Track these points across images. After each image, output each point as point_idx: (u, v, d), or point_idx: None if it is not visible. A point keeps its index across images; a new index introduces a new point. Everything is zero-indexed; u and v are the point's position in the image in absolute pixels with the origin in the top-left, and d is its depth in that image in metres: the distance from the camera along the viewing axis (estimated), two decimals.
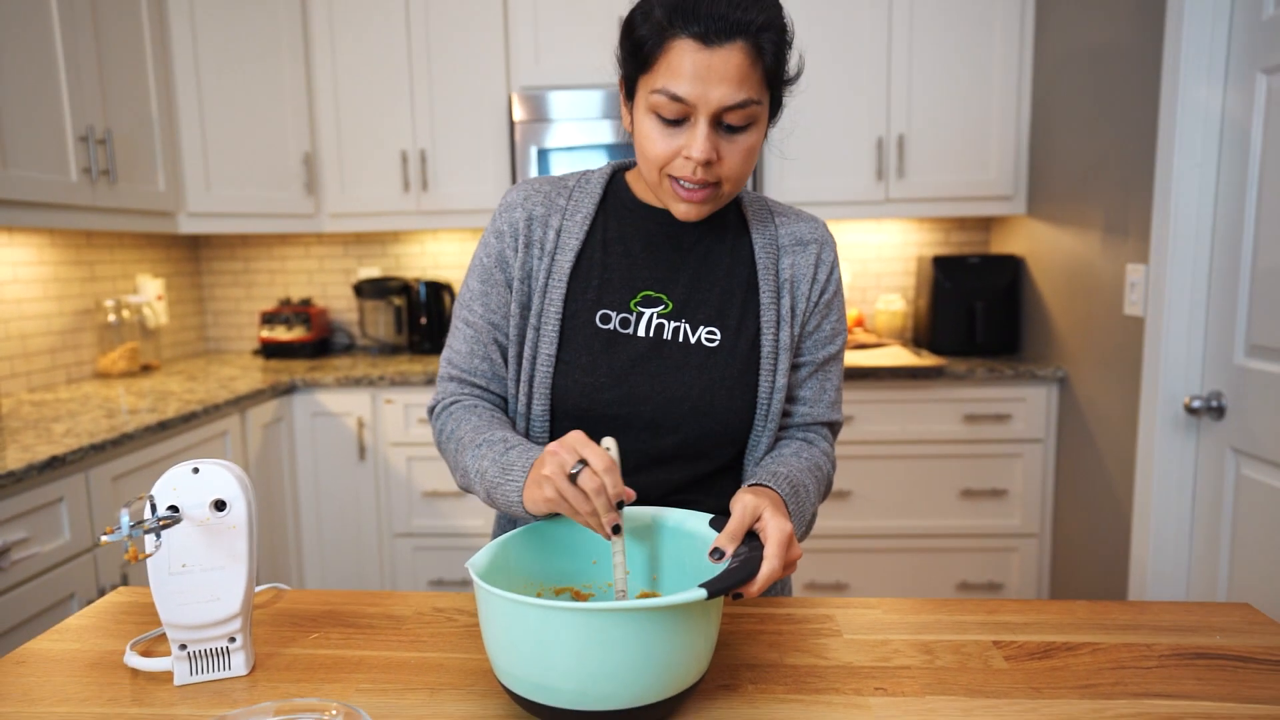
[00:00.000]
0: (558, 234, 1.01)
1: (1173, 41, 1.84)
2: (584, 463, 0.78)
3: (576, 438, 0.80)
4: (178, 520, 0.76)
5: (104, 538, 0.67)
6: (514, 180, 2.71)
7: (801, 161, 2.71)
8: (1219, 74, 1.80)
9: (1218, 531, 1.84)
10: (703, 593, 0.68)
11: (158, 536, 0.74)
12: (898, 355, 2.65)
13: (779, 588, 1.09)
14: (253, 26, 2.65)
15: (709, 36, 0.84)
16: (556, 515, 0.87)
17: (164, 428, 1.93)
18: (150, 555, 0.73)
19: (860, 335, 2.95)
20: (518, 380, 1.02)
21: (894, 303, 3.01)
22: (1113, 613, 0.94)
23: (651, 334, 0.99)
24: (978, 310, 2.74)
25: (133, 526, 0.69)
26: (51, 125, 2.03)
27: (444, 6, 2.73)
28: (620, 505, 0.78)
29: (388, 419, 2.61)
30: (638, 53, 0.89)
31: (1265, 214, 1.68)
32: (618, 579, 0.81)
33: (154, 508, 0.75)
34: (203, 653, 0.80)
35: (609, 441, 0.83)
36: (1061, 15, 2.45)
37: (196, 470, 0.79)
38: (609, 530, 0.79)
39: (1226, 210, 1.80)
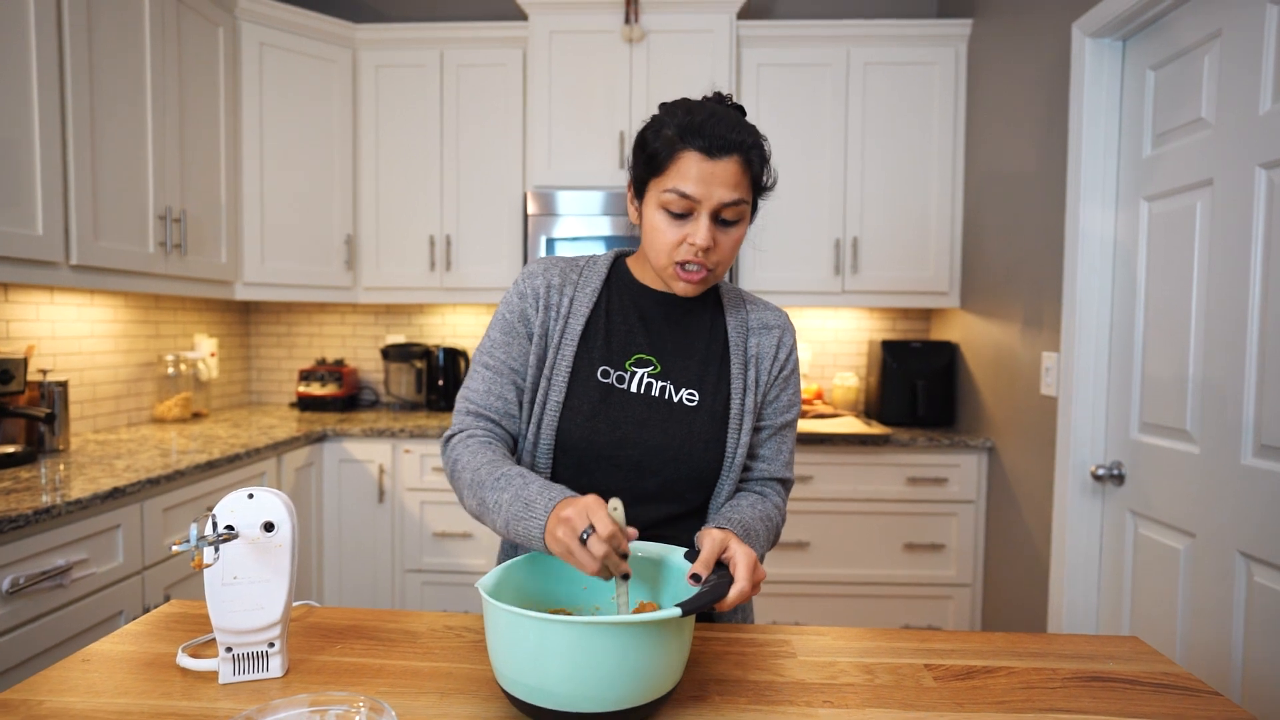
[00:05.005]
0: (570, 301, 1.05)
1: (1074, 172, 1.94)
2: (593, 528, 0.77)
3: (589, 502, 0.80)
4: (234, 537, 0.78)
5: (175, 547, 0.70)
6: (525, 264, 2.78)
7: (773, 257, 2.80)
8: (1110, 199, 1.89)
9: (1120, 580, 1.85)
10: (678, 611, 0.70)
11: (216, 550, 0.76)
12: (851, 424, 2.68)
13: (744, 615, 1.09)
14: (310, 126, 2.75)
15: (712, 150, 0.93)
16: None
17: (211, 466, 1.94)
18: (210, 565, 0.75)
19: (819, 406, 2.98)
20: (528, 420, 1.04)
21: (849, 379, 3.05)
22: (1025, 642, 0.96)
23: (642, 391, 1.02)
24: (919, 388, 2.77)
25: (199, 540, 0.72)
26: (137, 205, 2.09)
27: (472, 116, 2.84)
28: (624, 556, 0.79)
29: (405, 467, 2.61)
30: (652, 160, 0.97)
31: (1151, 314, 1.75)
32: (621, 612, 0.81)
33: (215, 525, 0.77)
34: (245, 655, 0.81)
35: (615, 502, 0.81)
36: (986, 145, 2.57)
37: (251, 496, 0.81)
38: (619, 577, 0.80)
39: (1121, 309, 1.86)
